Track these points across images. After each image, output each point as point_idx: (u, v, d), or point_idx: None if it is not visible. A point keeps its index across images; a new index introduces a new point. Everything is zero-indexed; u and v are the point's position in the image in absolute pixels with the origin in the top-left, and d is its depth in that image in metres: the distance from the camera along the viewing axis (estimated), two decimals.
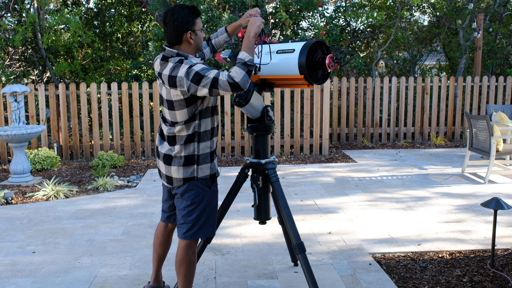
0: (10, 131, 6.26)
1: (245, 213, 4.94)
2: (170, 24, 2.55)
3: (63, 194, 5.71)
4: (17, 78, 10.72)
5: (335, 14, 10.79)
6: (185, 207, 2.65)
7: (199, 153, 2.63)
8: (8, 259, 3.83)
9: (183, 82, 2.46)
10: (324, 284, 3.29)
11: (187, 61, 2.51)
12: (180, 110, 2.56)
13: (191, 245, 2.69)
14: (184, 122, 2.58)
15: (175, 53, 2.57)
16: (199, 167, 2.64)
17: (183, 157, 2.61)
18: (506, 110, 8.44)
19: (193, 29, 2.57)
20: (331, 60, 2.65)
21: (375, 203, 5.24)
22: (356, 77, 10.61)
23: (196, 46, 2.64)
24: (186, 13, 2.55)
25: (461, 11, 10.71)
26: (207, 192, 2.67)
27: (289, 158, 7.87)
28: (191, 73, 2.44)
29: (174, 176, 2.65)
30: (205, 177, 2.65)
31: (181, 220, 2.68)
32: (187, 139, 2.60)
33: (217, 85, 2.42)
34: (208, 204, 2.67)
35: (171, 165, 2.64)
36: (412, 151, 8.32)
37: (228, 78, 2.41)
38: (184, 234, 2.66)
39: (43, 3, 10.07)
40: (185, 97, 2.52)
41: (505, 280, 3.30)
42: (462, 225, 4.49)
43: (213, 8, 9.20)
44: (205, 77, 2.43)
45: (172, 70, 2.50)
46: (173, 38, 2.57)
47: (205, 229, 2.68)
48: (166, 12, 2.59)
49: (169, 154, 2.65)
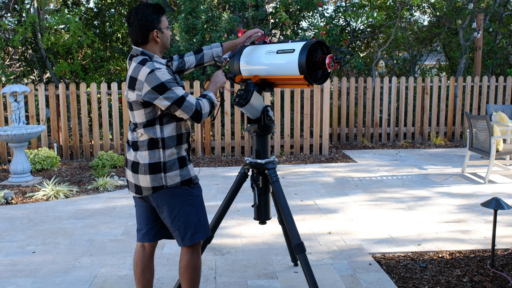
0: (10, 131, 6.26)
1: (245, 213, 4.94)
2: (134, 24, 2.44)
3: (63, 194, 5.71)
4: (17, 78, 10.72)
5: (335, 14, 10.80)
6: (168, 213, 2.49)
7: (165, 160, 2.46)
8: (8, 259, 3.83)
9: (141, 86, 2.36)
10: (324, 284, 3.29)
11: (150, 64, 2.38)
12: (137, 111, 2.44)
13: (194, 250, 2.56)
14: (143, 125, 2.44)
15: (139, 51, 2.47)
16: (167, 175, 2.46)
17: (147, 165, 2.45)
18: (506, 110, 8.44)
19: (159, 27, 2.47)
20: (331, 60, 2.65)
21: (375, 203, 5.24)
22: (356, 77, 10.61)
23: (163, 45, 2.53)
24: (151, 12, 2.45)
25: (461, 11, 10.71)
26: (185, 191, 2.51)
27: (289, 158, 7.87)
28: (154, 80, 2.33)
29: (142, 185, 2.49)
30: (175, 185, 2.48)
31: (171, 229, 2.54)
32: (149, 145, 2.45)
33: (181, 104, 2.36)
34: (192, 203, 2.52)
35: (138, 173, 2.49)
36: (412, 151, 8.32)
37: (197, 105, 2.40)
38: (182, 241, 2.53)
39: (43, 3, 10.07)
40: (138, 100, 2.40)
41: (505, 280, 3.29)
42: (462, 225, 4.49)
43: (213, 8, 9.20)
44: (171, 91, 2.34)
45: (133, 70, 2.41)
46: (139, 38, 2.46)
47: (201, 230, 2.54)
48: (130, 11, 2.48)
49: (135, 161, 2.50)
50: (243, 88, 2.86)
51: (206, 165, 7.45)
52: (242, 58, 2.90)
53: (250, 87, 2.82)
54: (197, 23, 8.42)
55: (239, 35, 3.01)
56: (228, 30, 8.61)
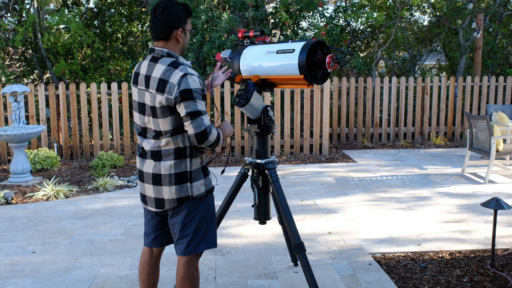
0: (10, 131, 6.26)
1: (245, 213, 4.94)
2: (161, 17, 2.34)
3: (63, 194, 5.71)
4: (17, 78, 10.72)
5: (335, 14, 10.80)
6: (183, 219, 2.42)
7: (191, 169, 2.39)
8: (8, 259, 3.83)
9: (173, 90, 2.26)
10: (324, 284, 3.29)
11: (182, 68, 2.30)
12: (164, 119, 2.33)
13: (193, 261, 2.46)
14: (171, 133, 2.34)
15: (165, 52, 2.37)
16: (193, 185, 2.40)
17: (173, 175, 2.36)
18: (506, 110, 8.44)
19: (184, 28, 2.39)
20: (331, 60, 2.65)
21: (375, 203, 5.24)
22: (356, 77, 10.61)
23: (183, 46, 2.45)
24: (181, 10, 2.37)
25: (461, 11, 10.71)
26: (204, 200, 2.45)
27: (289, 158, 7.87)
28: (184, 84, 2.26)
29: (166, 197, 2.39)
30: (200, 195, 2.42)
31: (178, 235, 2.44)
32: (176, 154, 2.36)
33: (194, 118, 2.28)
34: (205, 213, 2.45)
35: (162, 184, 2.39)
36: (412, 151, 8.32)
37: (208, 127, 2.31)
38: (185, 250, 2.43)
39: (43, 3, 10.07)
40: (167, 104, 2.29)
41: (505, 280, 3.29)
42: (462, 225, 4.49)
43: (213, 8, 9.20)
44: (193, 101, 2.27)
45: (164, 73, 2.30)
46: (162, 33, 2.36)
47: (206, 241, 2.46)
48: (159, 3, 2.37)
49: (155, 173, 2.39)
50: (243, 88, 2.86)
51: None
52: (242, 58, 2.90)
53: (250, 87, 2.82)
54: (197, 23, 8.42)
55: (239, 35, 3.01)
56: (228, 30, 8.61)
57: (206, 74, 8.86)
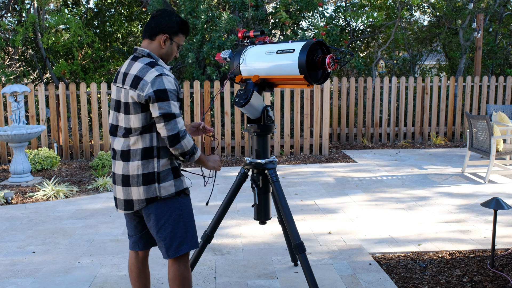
0: (10, 131, 6.26)
1: (245, 213, 4.94)
2: (156, 19, 2.44)
3: (63, 194, 5.71)
4: (17, 78, 10.72)
5: (335, 14, 10.80)
6: (156, 222, 2.40)
7: (159, 170, 2.37)
8: (8, 259, 3.83)
9: (145, 87, 2.28)
10: (324, 284, 3.29)
11: (158, 68, 2.33)
12: (135, 115, 2.34)
13: (181, 261, 2.45)
14: (140, 131, 2.34)
15: (146, 52, 2.42)
16: (161, 186, 2.38)
17: (140, 176, 2.36)
18: (506, 110, 8.44)
19: (171, 37, 2.44)
20: (331, 60, 2.65)
21: (375, 203, 5.24)
22: (356, 77, 10.62)
23: (165, 55, 2.47)
24: (176, 21, 2.44)
25: (461, 11, 10.71)
26: (175, 201, 2.42)
27: (289, 158, 7.87)
28: (159, 84, 2.28)
29: (135, 198, 2.39)
30: (170, 195, 2.40)
31: (156, 239, 2.44)
32: (143, 154, 2.35)
33: (168, 120, 2.28)
34: (181, 214, 2.43)
35: (130, 185, 2.39)
36: (412, 151, 8.32)
37: (182, 131, 2.31)
38: (167, 253, 2.43)
39: (43, 3, 10.07)
40: (138, 100, 2.31)
41: (505, 280, 3.30)
42: (462, 225, 4.49)
43: (213, 8, 9.20)
44: (167, 103, 2.28)
45: (140, 70, 2.34)
46: (148, 31, 2.44)
47: (187, 242, 2.44)
48: (161, 9, 2.49)
49: (124, 174, 2.39)
50: (243, 88, 2.86)
51: None
52: (242, 58, 2.90)
53: (250, 87, 2.82)
54: (197, 23, 8.42)
55: (239, 35, 3.01)
56: (228, 30, 8.61)
57: (207, 74, 8.87)
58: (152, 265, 3.63)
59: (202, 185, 6.14)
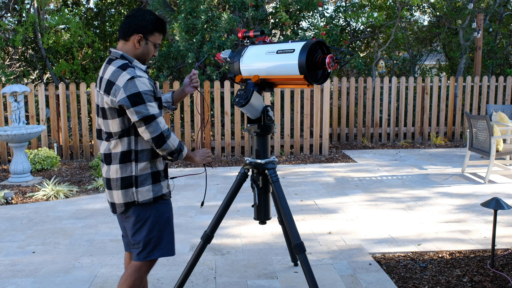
0: (10, 131, 6.26)
1: (245, 213, 4.94)
2: (130, 19, 2.37)
3: (63, 194, 5.71)
4: (17, 78, 10.72)
5: (335, 14, 10.80)
6: (132, 225, 2.40)
7: (137, 174, 2.34)
8: (8, 259, 3.83)
9: (117, 92, 2.23)
10: (324, 284, 3.29)
11: (130, 70, 2.26)
12: (113, 120, 2.30)
13: (142, 268, 2.43)
14: (119, 135, 2.32)
15: (119, 54, 2.36)
16: (138, 190, 2.35)
17: (119, 179, 2.34)
18: (506, 110, 8.44)
19: (146, 36, 2.37)
20: (331, 60, 2.65)
21: (375, 203, 5.24)
22: (356, 77, 10.62)
23: (141, 55, 2.40)
24: (150, 20, 2.37)
25: (461, 11, 10.72)
26: (154, 206, 2.40)
27: (289, 158, 7.87)
28: (131, 88, 2.22)
29: (116, 202, 2.39)
30: (147, 201, 2.37)
31: (131, 241, 2.44)
32: (122, 158, 2.33)
33: (148, 123, 2.24)
34: (157, 220, 2.40)
35: (112, 189, 2.38)
36: (412, 151, 8.32)
37: (165, 131, 2.27)
38: (138, 256, 2.41)
39: (43, 3, 10.08)
40: (113, 106, 2.27)
41: (505, 280, 3.30)
42: (462, 225, 4.49)
43: (213, 8, 9.20)
44: (144, 105, 2.23)
45: (112, 74, 2.28)
46: (122, 32, 2.38)
47: (160, 248, 2.41)
48: (135, 8, 2.43)
49: (106, 177, 2.40)
50: (243, 88, 2.86)
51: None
52: (242, 58, 2.90)
53: (250, 87, 2.82)
54: (197, 23, 8.42)
55: (239, 35, 3.01)
56: (228, 30, 8.61)
57: (206, 74, 8.87)
58: None
59: (202, 185, 6.14)
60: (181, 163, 7.57)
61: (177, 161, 7.68)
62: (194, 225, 4.57)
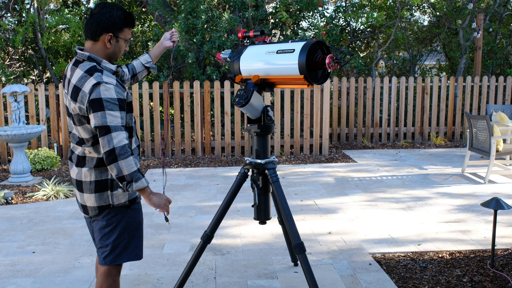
0: (10, 131, 6.26)
1: (245, 213, 4.94)
2: (95, 17, 2.23)
3: (63, 194, 5.71)
4: (17, 78, 10.72)
5: (335, 14, 10.80)
6: (101, 228, 2.33)
7: (112, 178, 2.28)
8: (8, 259, 3.83)
9: (84, 99, 2.13)
10: (324, 284, 3.29)
11: (97, 75, 2.15)
12: (81, 126, 2.22)
13: (111, 272, 2.37)
14: (91, 143, 2.23)
15: (86, 56, 2.23)
16: (113, 193, 2.29)
17: (93, 182, 2.27)
18: (506, 110, 8.44)
19: (116, 34, 2.26)
20: (331, 60, 2.65)
21: (375, 203, 5.24)
22: (356, 77, 10.62)
23: (112, 54, 2.30)
24: (118, 16, 2.24)
25: (461, 11, 10.72)
26: (126, 210, 2.34)
27: (289, 158, 7.87)
28: (95, 93, 2.12)
29: (89, 205, 2.32)
30: (123, 204, 2.31)
31: (99, 244, 2.36)
32: (98, 162, 2.26)
33: (104, 133, 2.11)
34: (128, 224, 2.35)
35: (83, 192, 2.31)
36: (412, 151, 8.32)
37: (118, 148, 2.12)
38: (104, 260, 2.34)
39: (43, 3, 10.08)
40: (81, 113, 2.18)
41: (505, 280, 3.30)
42: (462, 225, 4.49)
43: (213, 8, 9.20)
44: (103, 113, 2.11)
45: (79, 80, 2.18)
46: (90, 32, 2.24)
47: (127, 253, 2.36)
48: (98, 3, 2.28)
49: (78, 179, 2.32)
50: (243, 88, 2.86)
51: (206, 165, 7.46)
52: (242, 58, 2.90)
53: (250, 87, 2.82)
54: (197, 23, 8.42)
55: (239, 35, 3.01)
56: (228, 30, 8.61)
57: (207, 74, 8.86)
58: (152, 265, 3.63)
59: (202, 185, 6.14)
60: (181, 162, 7.57)
61: (176, 162, 7.68)
62: (194, 225, 4.57)
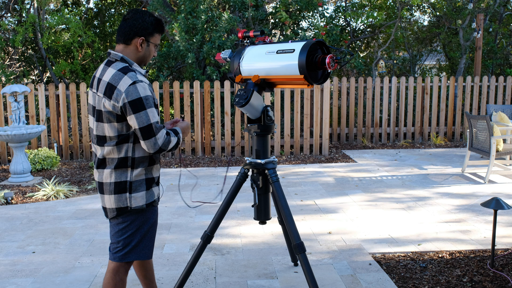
0: (10, 131, 6.26)
1: (245, 213, 4.94)
2: (129, 22, 2.34)
3: (63, 194, 5.71)
4: (17, 78, 10.72)
5: (335, 14, 10.80)
6: (116, 224, 2.42)
7: (131, 180, 2.34)
8: (8, 259, 3.83)
9: (119, 97, 2.21)
10: (324, 284, 3.29)
11: (131, 74, 2.24)
12: (109, 124, 2.28)
13: (119, 270, 2.43)
14: (116, 142, 2.29)
15: (119, 57, 2.33)
16: (132, 196, 2.35)
17: (113, 184, 2.33)
18: (506, 110, 8.44)
19: (147, 39, 2.36)
20: (331, 60, 2.65)
21: (375, 203, 5.24)
22: (356, 77, 10.62)
23: (143, 57, 2.40)
24: (150, 21, 2.36)
25: (461, 11, 10.72)
26: (142, 213, 2.41)
27: (289, 158, 7.87)
28: (134, 93, 2.20)
29: (108, 207, 2.38)
30: (140, 207, 2.37)
31: (112, 239, 2.45)
32: (118, 163, 2.31)
33: (146, 136, 2.23)
34: (142, 224, 2.41)
35: (104, 193, 2.37)
36: (412, 151, 8.32)
37: (164, 143, 2.28)
38: (114, 255, 2.42)
39: (43, 3, 10.08)
40: (114, 111, 2.24)
41: (505, 280, 3.30)
42: (462, 225, 4.49)
43: (213, 8, 9.20)
44: (145, 112, 2.22)
45: (113, 77, 2.25)
46: (123, 36, 2.35)
47: (137, 251, 2.43)
48: (132, 9, 2.41)
49: (99, 181, 2.38)
50: (243, 88, 2.85)
51: (206, 165, 7.46)
52: (242, 58, 2.90)
53: (250, 87, 2.82)
54: (197, 23, 8.42)
55: (239, 35, 3.01)
56: (228, 30, 8.61)
57: (207, 74, 8.86)
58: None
59: (202, 185, 6.14)
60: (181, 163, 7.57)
61: (176, 162, 7.70)
62: (194, 225, 4.57)
